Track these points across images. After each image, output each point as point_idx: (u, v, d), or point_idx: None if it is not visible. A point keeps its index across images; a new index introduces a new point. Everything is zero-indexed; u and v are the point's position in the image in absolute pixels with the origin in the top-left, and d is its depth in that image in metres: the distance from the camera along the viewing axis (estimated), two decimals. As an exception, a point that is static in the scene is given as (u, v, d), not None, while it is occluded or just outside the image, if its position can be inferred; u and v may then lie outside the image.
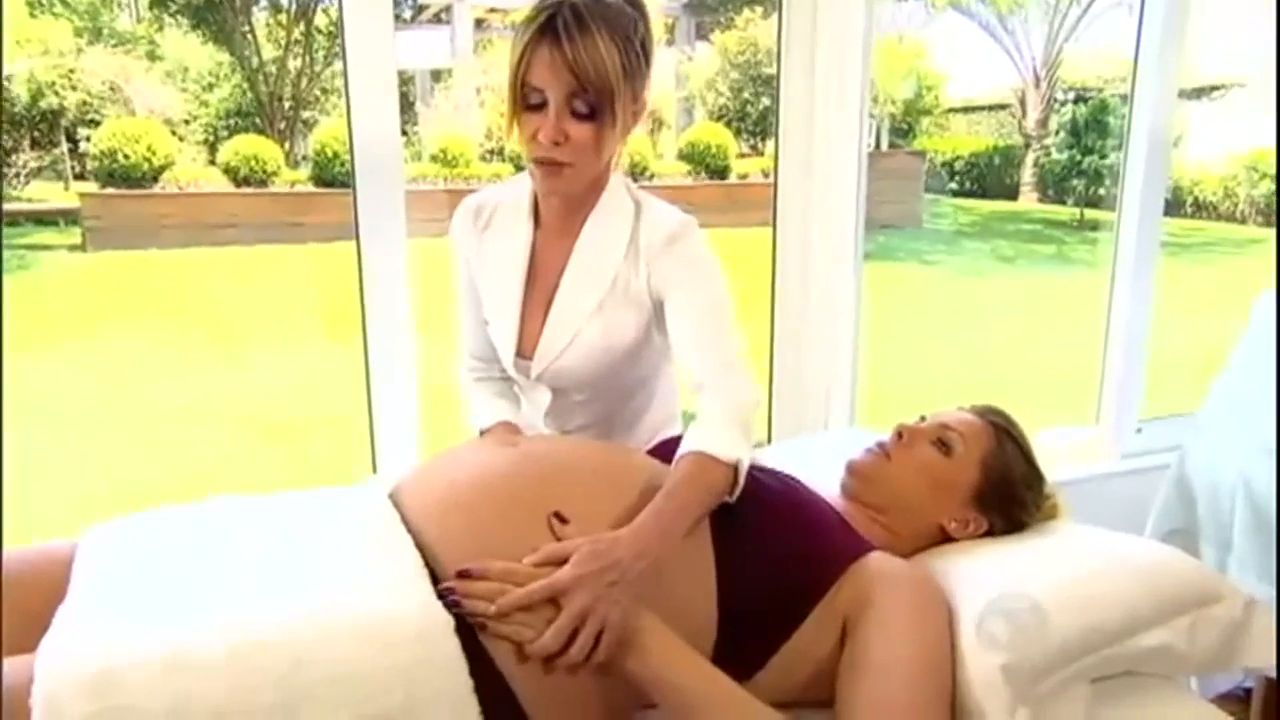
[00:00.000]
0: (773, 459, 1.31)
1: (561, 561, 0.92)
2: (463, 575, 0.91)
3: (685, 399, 1.36)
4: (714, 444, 1.07)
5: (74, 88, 7.25)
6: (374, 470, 1.72)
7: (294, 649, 0.80)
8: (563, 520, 0.98)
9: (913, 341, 5.80)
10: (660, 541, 0.97)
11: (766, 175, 8.34)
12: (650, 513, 1.00)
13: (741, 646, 0.99)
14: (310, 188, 7.35)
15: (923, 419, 1.24)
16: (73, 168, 7.48)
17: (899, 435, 1.21)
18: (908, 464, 1.18)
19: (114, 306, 5.91)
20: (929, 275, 8.19)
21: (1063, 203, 10.18)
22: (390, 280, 1.65)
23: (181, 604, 0.86)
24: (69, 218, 6.78)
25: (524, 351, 1.32)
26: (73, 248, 6.64)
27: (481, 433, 1.36)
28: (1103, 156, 9.39)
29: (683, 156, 8.85)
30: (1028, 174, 10.87)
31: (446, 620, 0.86)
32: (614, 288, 1.24)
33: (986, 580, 1.05)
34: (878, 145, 9.98)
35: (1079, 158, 9.64)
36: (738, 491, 1.08)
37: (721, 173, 8.78)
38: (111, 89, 7.37)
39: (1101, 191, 9.40)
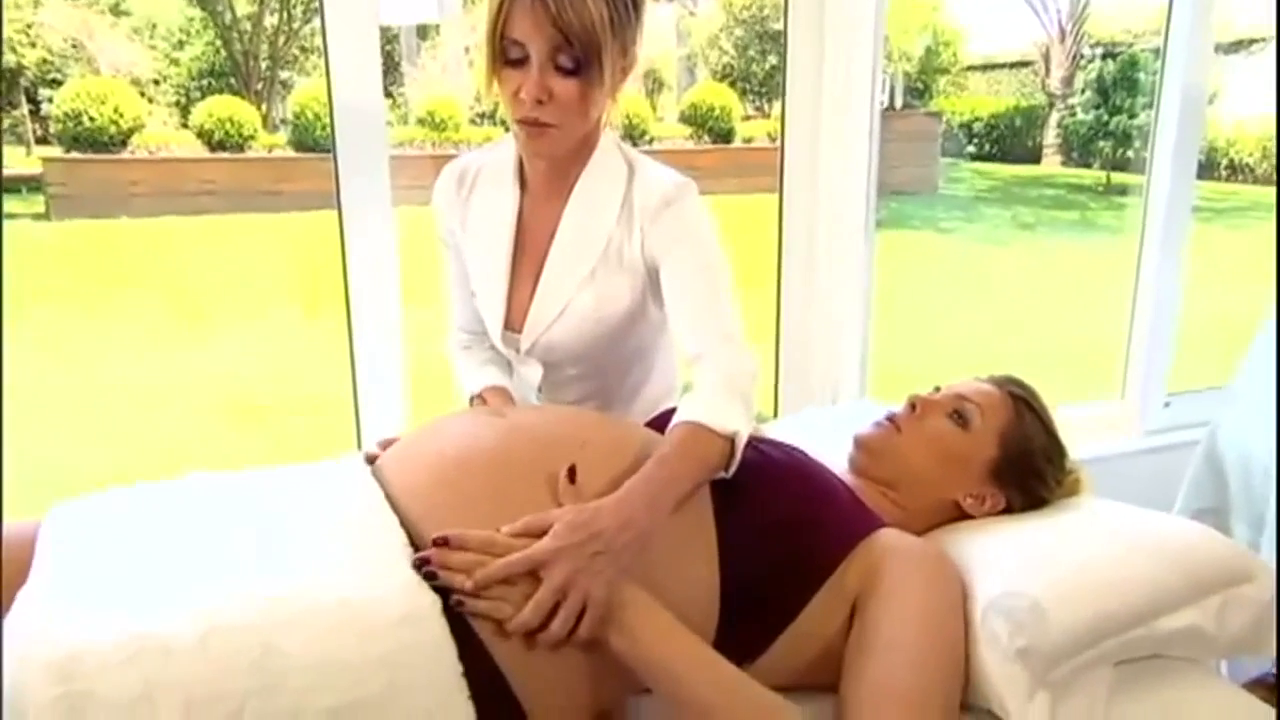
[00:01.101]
0: (779, 433, 1.32)
1: (542, 533, 0.92)
2: (440, 544, 0.91)
3: (685, 373, 1.36)
4: (710, 415, 1.07)
5: (33, 44, 7.20)
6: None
7: (267, 634, 0.81)
8: (572, 479, 0.98)
9: (927, 313, 5.80)
10: (648, 512, 0.97)
11: (773, 139, 8.30)
12: (637, 481, 0.99)
13: (745, 628, 1.00)
14: (289, 153, 7.33)
15: (937, 390, 1.25)
16: (34, 131, 7.44)
17: (911, 407, 1.21)
18: (920, 437, 1.19)
19: (81, 279, 5.91)
20: (945, 243, 8.18)
21: (1088, 166, 10.14)
22: (375, 251, 1.65)
23: (150, 585, 0.86)
24: (32, 184, 6.76)
25: (512, 324, 1.32)
26: (37, 216, 6.62)
27: (471, 399, 1.37)
28: (1132, 116, 9.35)
29: (684, 119, 8.81)
30: (1051, 135, 10.82)
31: (432, 602, 0.86)
32: (606, 254, 1.24)
33: (1003, 559, 1.05)
34: (891, 106, 9.93)
35: (1106, 118, 9.59)
36: (734, 466, 1.08)
37: (725, 136, 8.74)
38: (74, 46, 7.32)
39: (1130, 154, 9.36)
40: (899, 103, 10.17)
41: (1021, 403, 1.21)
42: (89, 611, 0.83)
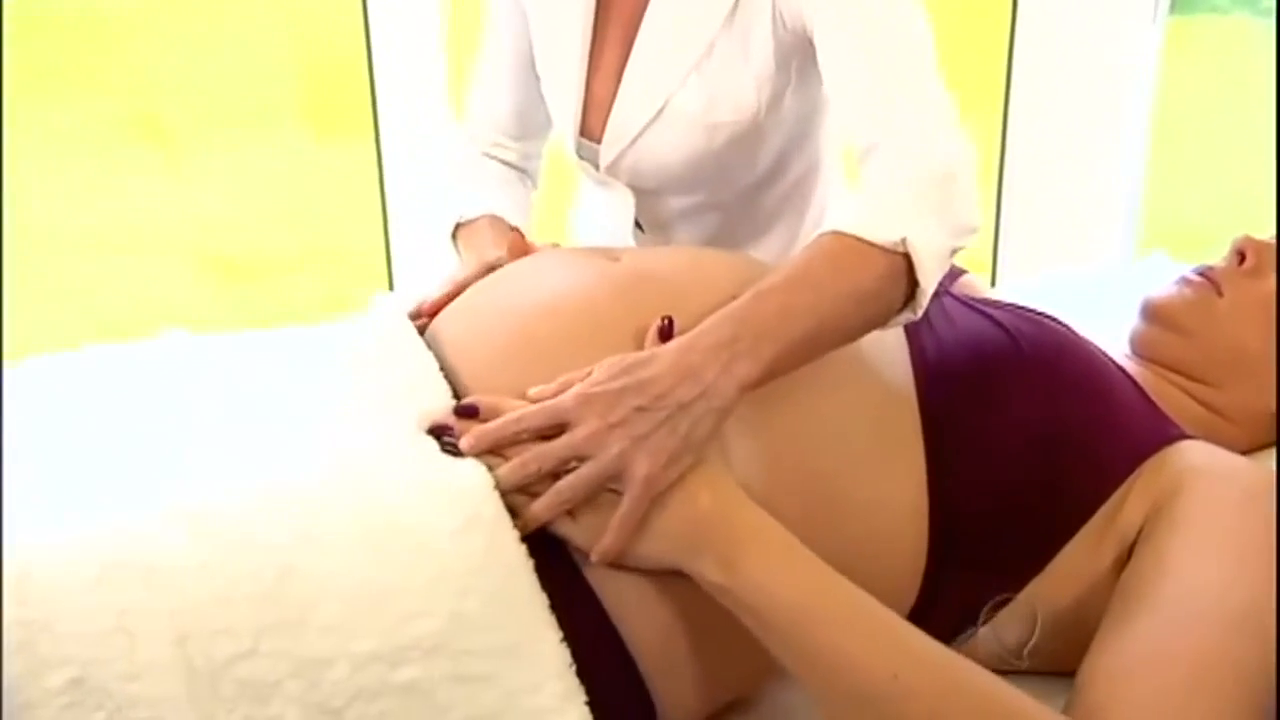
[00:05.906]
0: (1019, 300, 1.29)
1: None
2: (464, 414, 0.92)
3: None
4: (862, 218, 0.99)
5: None
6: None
7: (283, 549, 0.82)
8: (666, 333, 0.95)
9: (1237, 137, 5.57)
10: (727, 363, 0.89)
11: None
12: (718, 318, 0.92)
13: (961, 589, 0.99)
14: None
15: None
16: None
17: (1240, 257, 1.17)
18: (1252, 303, 1.15)
19: (19, 84, 6.11)
20: (1268, 33, 7.78)
21: None
22: (412, 48, 1.66)
23: (124, 479, 0.88)
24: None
25: (590, 129, 1.31)
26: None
27: (456, 228, 1.36)
28: None
29: None
30: None
31: (500, 513, 0.86)
32: (729, 28, 1.20)
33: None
34: None
35: None
36: (922, 304, 1.01)
37: None
38: None
39: None
40: None
41: None
42: (44, 513, 0.85)
